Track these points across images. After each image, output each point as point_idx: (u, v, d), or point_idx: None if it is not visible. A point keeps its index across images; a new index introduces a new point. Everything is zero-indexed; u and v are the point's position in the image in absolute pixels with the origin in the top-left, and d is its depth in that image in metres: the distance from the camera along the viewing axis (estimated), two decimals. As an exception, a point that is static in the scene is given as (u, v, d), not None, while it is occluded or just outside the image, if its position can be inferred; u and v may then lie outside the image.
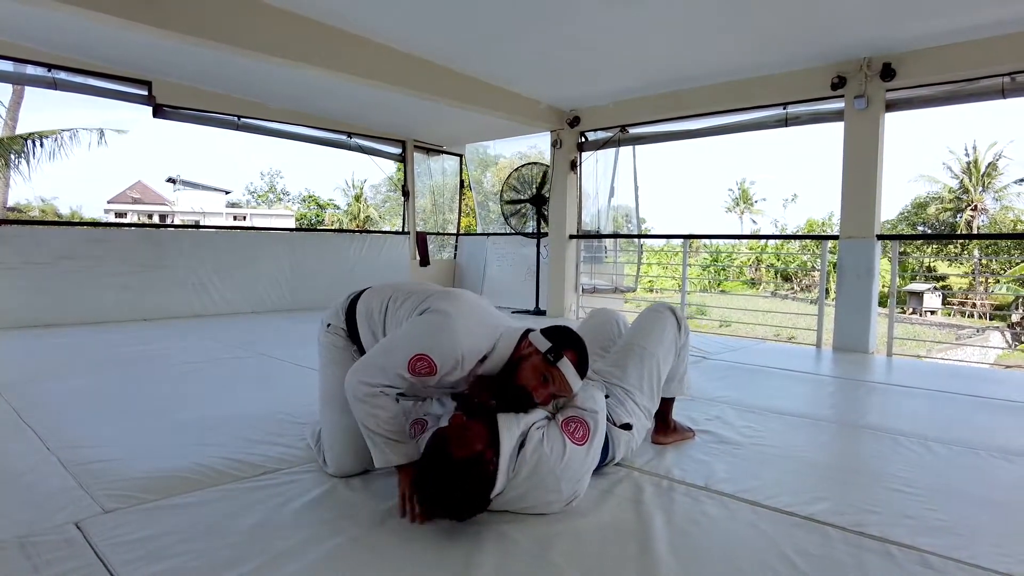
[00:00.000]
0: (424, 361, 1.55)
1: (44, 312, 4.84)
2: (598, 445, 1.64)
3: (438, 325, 1.60)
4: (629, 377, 1.94)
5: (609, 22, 3.99)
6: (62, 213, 29.77)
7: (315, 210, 33.30)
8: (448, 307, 1.64)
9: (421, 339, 1.59)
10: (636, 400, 1.91)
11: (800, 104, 4.90)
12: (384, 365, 1.57)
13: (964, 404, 2.94)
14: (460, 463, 1.41)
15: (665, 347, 2.02)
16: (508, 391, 1.64)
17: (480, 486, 1.44)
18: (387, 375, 1.56)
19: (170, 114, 5.58)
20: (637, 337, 2.04)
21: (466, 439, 1.46)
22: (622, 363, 1.98)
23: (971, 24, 3.82)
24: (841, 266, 4.64)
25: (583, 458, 1.57)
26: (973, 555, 1.40)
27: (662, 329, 2.03)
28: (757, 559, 1.38)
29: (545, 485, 1.52)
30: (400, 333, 1.66)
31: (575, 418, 1.63)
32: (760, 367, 3.78)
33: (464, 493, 1.42)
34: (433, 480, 1.43)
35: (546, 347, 1.62)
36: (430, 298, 1.72)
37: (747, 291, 25.75)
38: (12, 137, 12.07)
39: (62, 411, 2.45)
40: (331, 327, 1.94)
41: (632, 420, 1.87)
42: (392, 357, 1.58)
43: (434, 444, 1.48)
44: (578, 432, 1.59)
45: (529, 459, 1.51)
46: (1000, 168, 27.81)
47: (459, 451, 1.43)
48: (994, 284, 24.21)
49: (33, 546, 1.36)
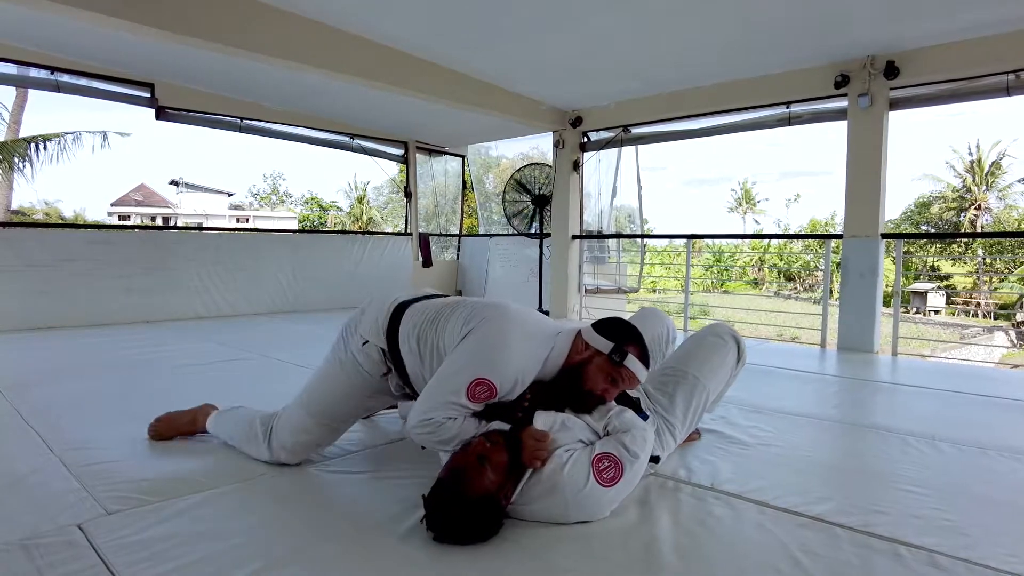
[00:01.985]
0: (483, 385, 1.50)
1: (47, 314, 4.85)
2: (627, 490, 1.54)
3: (492, 345, 1.54)
4: (675, 409, 1.88)
5: (611, 22, 3.98)
6: (66, 216, 29.84)
7: (318, 212, 33.34)
8: (498, 323, 1.57)
9: (477, 363, 1.52)
10: (675, 435, 1.87)
11: (803, 103, 4.88)
12: (442, 398, 1.51)
13: (971, 403, 2.93)
14: (471, 502, 1.37)
15: (719, 378, 1.95)
16: (576, 396, 1.62)
17: (490, 522, 1.40)
18: (448, 408, 1.50)
19: (173, 116, 5.59)
20: (694, 364, 1.95)
21: (483, 474, 1.39)
22: (672, 392, 1.91)
23: (975, 22, 3.80)
24: (845, 265, 4.62)
25: (601, 497, 1.48)
26: (983, 555, 1.39)
27: (721, 360, 1.95)
28: (764, 559, 1.37)
29: (552, 509, 1.48)
30: (453, 359, 1.57)
31: (612, 456, 1.51)
32: (765, 367, 3.76)
33: (473, 529, 1.39)
34: (442, 514, 1.38)
35: (608, 347, 1.58)
36: (476, 313, 1.63)
37: (750, 291, 25.70)
38: (16, 140, 12.11)
39: (65, 413, 2.45)
40: (368, 344, 1.77)
41: (662, 453, 1.82)
42: (449, 385, 1.51)
43: (449, 476, 1.41)
44: (608, 472, 1.49)
45: (545, 480, 1.47)
46: (1004, 167, 27.74)
47: (472, 488, 1.37)
48: (998, 283, 24.13)
49: (36, 548, 1.35)
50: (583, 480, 1.47)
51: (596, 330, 1.63)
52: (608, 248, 6.99)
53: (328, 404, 1.85)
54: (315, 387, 1.88)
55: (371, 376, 1.80)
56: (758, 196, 41.52)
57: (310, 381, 1.91)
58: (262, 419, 1.93)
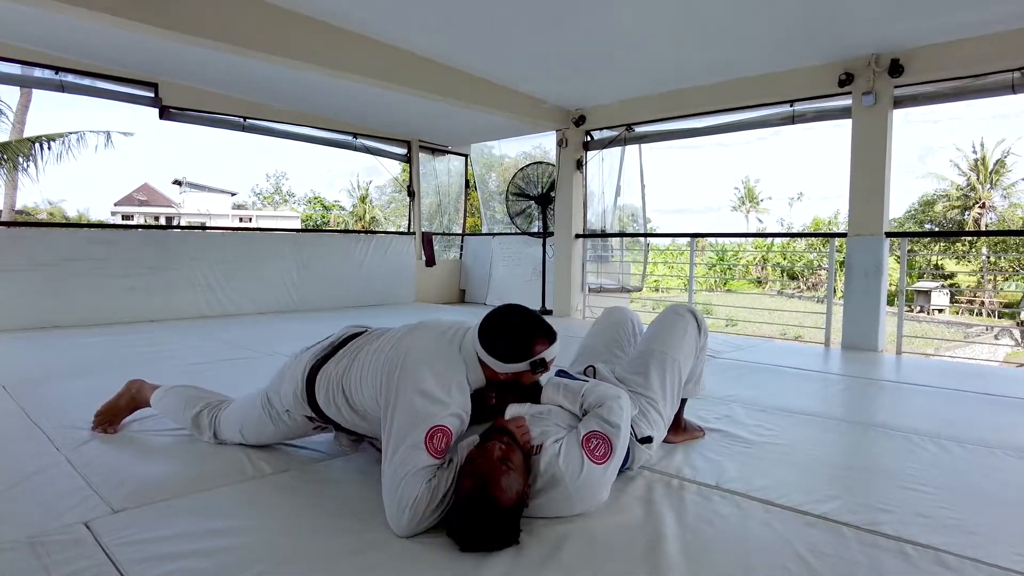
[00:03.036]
0: (438, 432, 1.45)
1: (52, 313, 4.87)
2: (617, 462, 1.57)
3: (412, 398, 1.49)
4: (652, 384, 1.90)
5: (615, 20, 3.98)
6: (69, 215, 29.95)
7: (321, 212, 33.37)
8: (412, 376, 1.51)
9: (418, 419, 1.46)
10: (659, 410, 1.88)
11: (807, 101, 4.87)
12: (408, 473, 1.41)
13: (976, 402, 2.92)
14: (507, 509, 1.35)
15: (686, 351, 1.98)
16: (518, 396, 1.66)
17: (517, 521, 1.40)
18: (418, 477, 1.41)
19: (176, 116, 5.60)
20: (657, 341, 2.00)
21: (509, 476, 1.37)
22: (644, 370, 1.94)
23: (980, 19, 3.79)
24: (849, 264, 4.61)
25: (600, 476, 1.51)
26: (991, 555, 1.38)
27: (683, 332, 1.99)
28: (770, 558, 1.37)
29: (557, 501, 1.49)
30: (391, 433, 1.49)
31: (597, 433, 1.55)
32: (769, 366, 3.76)
33: (507, 534, 1.37)
34: (479, 525, 1.35)
35: (524, 367, 1.57)
36: (383, 371, 1.59)
37: (753, 290, 25.65)
38: (20, 140, 12.15)
39: (71, 411, 2.45)
40: (290, 413, 1.84)
41: (653, 432, 1.83)
42: (406, 459, 1.43)
43: (478, 486, 1.35)
44: (599, 450, 1.52)
45: (544, 473, 1.48)
46: (1008, 165, 27.63)
47: (505, 494, 1.35)
48: (1003, 282, 24.05)
49: (43, 546, 1.36)
50: (579, 465, 1.49)
51: (495, 355, 1.56)
52: (611, 247, 6.99)
53: (264, 438, 2.00)
54: (248, 424, 1.97)
55: (304, 428, 1.92)
56: (761, 195, 41.44)
57: (243, 412, 1.99)
58: (209, 409, 2.08)
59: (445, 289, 8.08)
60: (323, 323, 5.37)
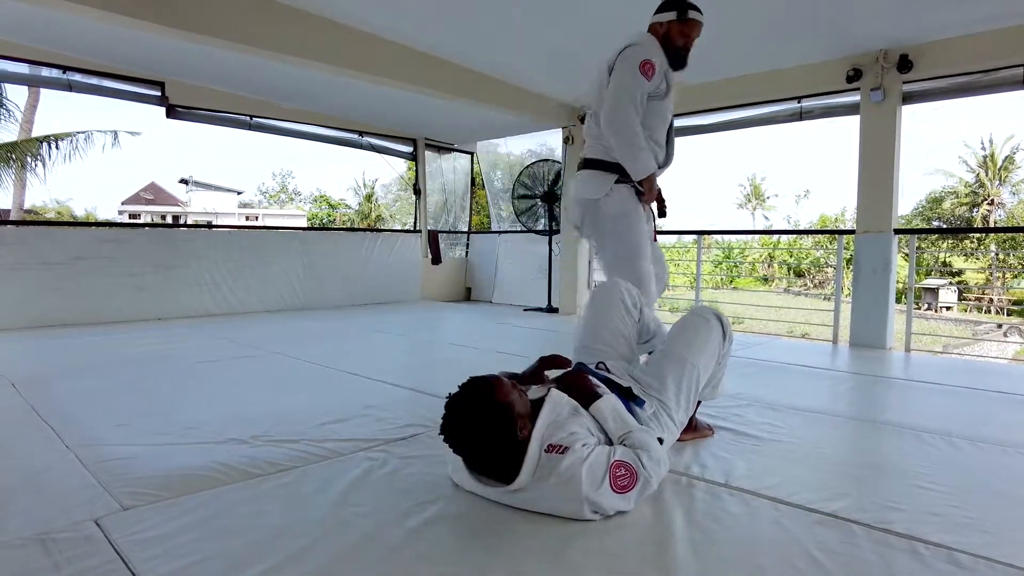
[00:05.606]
0: (647, 64, 2.55)
1: (60, 312, 4.89)
2: (627, 505, 1.53)
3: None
4: (668, 390, 1.87)
5: (620, 16, 3.95)
6: (77, 214, 30.12)
7: (327, 210, 33.44)
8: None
9: (635, 51, 2.56)
10: (672, 416, 1.86)
11: (815, 98, 4.84)
12: (627, 101, 2.51)
13: (987, 400, 2.89)
14: (495, 403, 1.47)
15: (707, 357, 1.95)
16: (677, 58, 2.79)
17: (502, 436, 1.47)
18: (632, 96, 2.53)
19: (183, 114, 5.62)
20: (680, 345, 1.95)
21: (511, 390, 1.51)
22: (661, 374, 1.90)
23: (990, 13, 3.75)
24: (857, 261, 4.58)
25: (613, 502, 1.49)
26: (1006, 554, 1.36)
27: (707, 338, 1.95)
28: (780, 556, 1.36)
29: (567, 500, 1.47)
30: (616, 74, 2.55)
31: (628, 465, 1.51)
32: (777, 363, 3.74)
33: (486, 433, 1.47)
34: (464, 410, 1.48)
35: (673, 16, 2.72)
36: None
37: (760, 287, 25.55)
38: (28, 139, 12.22)
39: (79, 409, 2.46)
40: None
41: (665, 435, 1.81)
42: (626, 89, 2.52)
43: (481, 379, 1.52)
44: (622, 480, 1.50)
45: (563, 473, 1.46)
46: (1017, 161, 27.41)
47: (498, 392, 1.48)
48: (1012, 279, 23.86)
49: (54, 543, 1.36)
50: (599, 479, 1.47)
51: (658, 11, 2.61)
52: (617, 245, 6.96)
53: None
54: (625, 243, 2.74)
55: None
56: (767, 192, 41.28)
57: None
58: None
59: (451, 287, 8.08)
60: (332, 321, 5.38)
